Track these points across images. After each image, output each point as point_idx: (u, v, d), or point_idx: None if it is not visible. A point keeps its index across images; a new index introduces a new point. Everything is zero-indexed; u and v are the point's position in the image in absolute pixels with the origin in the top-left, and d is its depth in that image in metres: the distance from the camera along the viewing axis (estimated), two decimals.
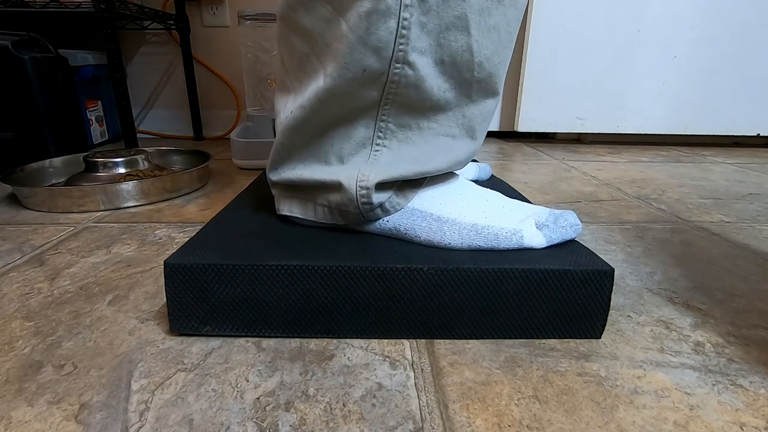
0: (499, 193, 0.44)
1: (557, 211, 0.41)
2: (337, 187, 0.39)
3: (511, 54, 0.39)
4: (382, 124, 0.38)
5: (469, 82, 0.37)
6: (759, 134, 1.30)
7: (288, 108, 0.39)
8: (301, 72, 0.38)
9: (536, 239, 0.38)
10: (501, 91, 0.40)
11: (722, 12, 1.19)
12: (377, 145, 0.39)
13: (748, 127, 1.29)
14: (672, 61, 1.24)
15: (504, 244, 0.38)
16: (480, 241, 0.38)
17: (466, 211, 0.39)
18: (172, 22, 1.26)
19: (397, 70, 0.34)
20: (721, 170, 1.03)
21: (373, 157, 0.39)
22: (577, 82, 1.27)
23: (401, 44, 0.33)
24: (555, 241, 0.39)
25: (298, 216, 0.43)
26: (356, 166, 0.39)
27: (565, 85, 1.27)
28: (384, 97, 0.36)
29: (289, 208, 0.43)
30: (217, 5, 1.35)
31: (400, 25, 0.33)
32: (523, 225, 0.39)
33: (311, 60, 0.37)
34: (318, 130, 0.39)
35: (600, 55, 1.24)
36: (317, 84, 0.36)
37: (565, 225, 0.39)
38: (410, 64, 0.34)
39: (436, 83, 0.36)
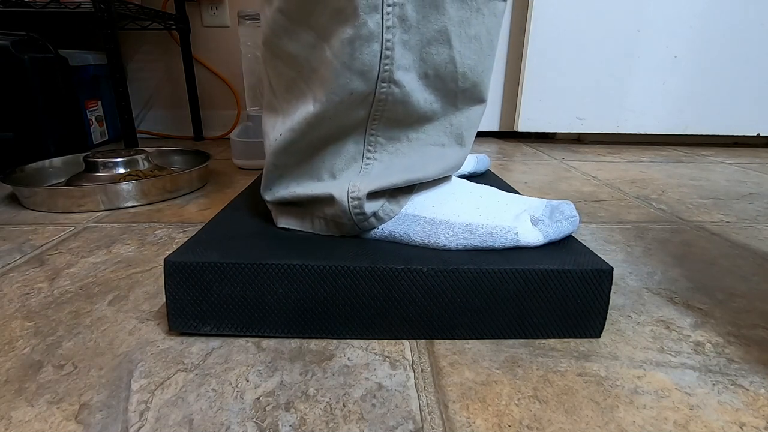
0: (495, 189, 0.44)
1: (554, 202, 0.41)
2: (329, 200, 0.39)
3: (494, 61, 0.39)
4: (372, 139, 0.38)
5: (454, 92, 0.37)
6: (759, 134, 1.30)
7: (277, 130, 0.40)
8: (290, 95, 0.39)
9: (532, 235, 0.38)
10: (487, 97, 0.40)
11: (722, 12, 1.19)
12: (368, 158, 0.39)
13: (748, 127, 1.29)
14: (672, 61, 1.24)
15: (499, 242, 0.38)
16: (475, 241, 0.38)
17: (459, 211, 0.39)
18: (172, 22, 1.26)
19: (384, 89, 0.34)
20: (721, 170, 1.03)
21: (365, 170, 0.39)
22: (577, 82, 1.27)
23: (386, 65, 0.33)
24: (552, 236, 0.39)
25: (296, 228, 0.43)
26: (348, 180, 0.39)
27: (565, 85, 1.27)
28: (372, 114, 0.36)
29: (286, 222, 0.43)
30: (217, 5, 1.35)
31: (383, 47, 0.33)
32: (518, 222, 0.39)
33: (299, 84, 0.37)
34: (308, 149, 0.39)
35: (600, 55, 1.24)
36: (306, 108, 0.37)
37: (561, 218, 0.39)
38: (396, 83, 0.34)
39: (422, 96, 0.36)
